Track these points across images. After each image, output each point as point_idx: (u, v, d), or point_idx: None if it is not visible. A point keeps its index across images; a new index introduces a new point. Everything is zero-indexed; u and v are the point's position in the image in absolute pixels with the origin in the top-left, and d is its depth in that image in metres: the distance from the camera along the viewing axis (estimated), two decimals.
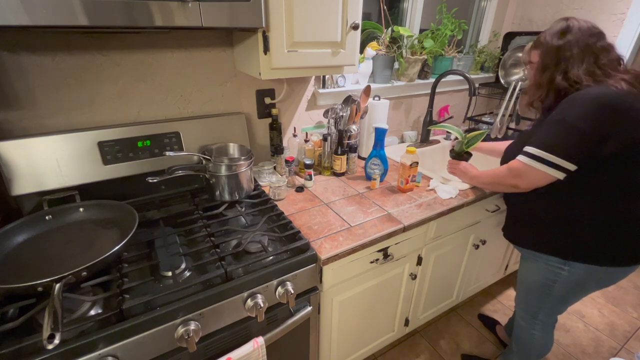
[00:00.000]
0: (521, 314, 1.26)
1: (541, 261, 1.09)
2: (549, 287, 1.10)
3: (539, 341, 1.24)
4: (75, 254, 0.83)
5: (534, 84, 1.01)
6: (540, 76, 0.98)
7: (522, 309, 1.25)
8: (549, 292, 1.11)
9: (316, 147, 1.46)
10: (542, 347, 1.26)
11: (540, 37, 0.99)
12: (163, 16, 0.75)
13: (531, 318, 1.22)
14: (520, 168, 0.98)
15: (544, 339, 1.24)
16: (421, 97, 1.91)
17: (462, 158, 1.28)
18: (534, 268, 1.13)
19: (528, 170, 0.95)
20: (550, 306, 1.15)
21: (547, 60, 0.96)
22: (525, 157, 0.96)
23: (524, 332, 1.27)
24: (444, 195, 1.27)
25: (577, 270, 1.02)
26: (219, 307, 0.81)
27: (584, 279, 1.03)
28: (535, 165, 0.93)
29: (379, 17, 1.64)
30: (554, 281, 1.08)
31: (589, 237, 0.97)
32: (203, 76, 1.22)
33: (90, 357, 0.67)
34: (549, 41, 0.96)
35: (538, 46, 0.99)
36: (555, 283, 1.08)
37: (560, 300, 1.12)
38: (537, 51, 1.00)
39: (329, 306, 1.10)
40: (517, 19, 2.13)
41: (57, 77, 0.99)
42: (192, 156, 1.18)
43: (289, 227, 1.02)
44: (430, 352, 1.60)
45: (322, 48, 1.06)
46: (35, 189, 0.97)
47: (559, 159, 0.89)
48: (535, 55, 1.01)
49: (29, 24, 0.64)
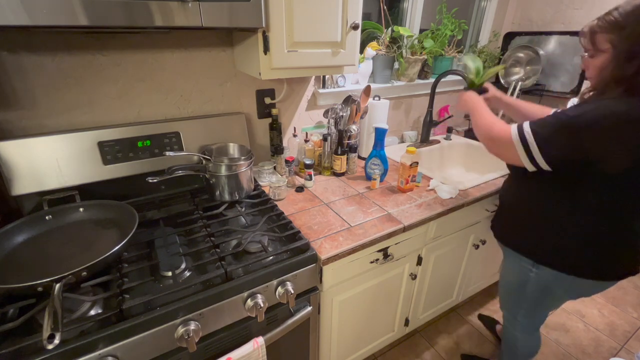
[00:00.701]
0: (504, 314, 1.29)
1: (516, 261, 1.09)
2: (522, 287, 1.10)
3: (522, 342, 1.25)
4: (75, 254, 0.83)
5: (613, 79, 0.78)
6: (624, 67, 0.76)
7: (504, 309, 1.27)
8: (522, 293, 1.11)
9: (316, 147, 1.46)
10: (526, 348, 1.26)
11: (618, 17, 0.77)
12: (163, 16, 0.75)
13: (512, 318, 1.23)
14: (501, 137, 0.91)
15: (528, 341, 1.24)
16: (421, 97, 1.91)
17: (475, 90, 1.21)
18: (510, 267, 1.15)
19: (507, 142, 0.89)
20: (527, 307, 1.14)
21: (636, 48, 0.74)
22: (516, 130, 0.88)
23: (508, 332, 1.29)
24: (444, 195, 1.27)
25: (545, 274, 1.01)
26: (219, 307, 0.81)
27: (551, 284, 1.02)
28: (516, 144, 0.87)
29: (379, 17, 1.64)
30: (525, 282, 1.08)
31: (562, 246, 0.95)
32: (203, 76, 1.22)
33: (90, 357, 0.67)
34: (634, 23, 0.74)
35: (615, 29, 0.76)
36: (527, 284, 1.08)
37: (534, 303, 1.11)
38: (610, 36, 0.77)
39: (329, 306, 1.10)
40: (517, 19, 2.13)
41: (57, 77, 0.99)
42: (192, 156, 1.18)
43: (289, 227, 1.02)
44: (430, 352, 1.60)
45: (322, 48, 1.06)
46: (35, 189, 0.97)
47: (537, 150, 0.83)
48: (604, 41, 0.79)
49: (29, 24, 0.64)
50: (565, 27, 1.91)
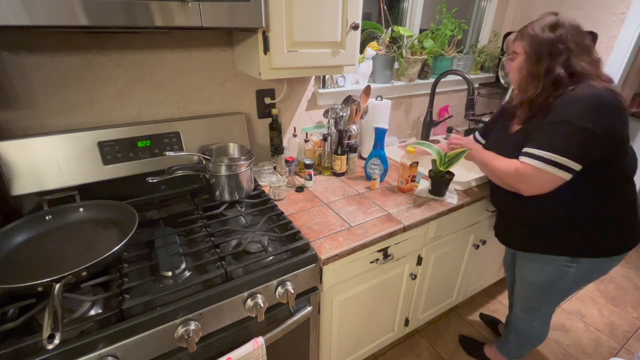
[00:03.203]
0: (521, 307, 1.29)
1: (546, 261, 1.10)
2: (555, 284, 1.12)
3: (537, 330, 1.29)
4: (75, 254, 0.83)
5: (528, 74, 0.97)
6: (534, 66, 0.95)
7: (523, 304, 1.28)
8: (554, 288, 1.14)
9: (316, 147, 1.46)
10: (539, 336, 1.31)
11: (527, 28, 0.96)
12: (163, 16, 0.75)
13: (533, 310, 1.25)
14: (529, 173, 0.93)
15: (543, 328, 1.29)
16: (421, 97, 1.91)
17: (442, 180, 1.23)
18: (537, 268, 1.14)
19: (537, 174, 0.92)
20: (557, 299, 1.20)
21: (540, 51, 0.93)
22: (532, 159, 0.92)
23: (524, 323, 1.30)
24: (447, 199, 1.26)
25: (585, 265, 1.05)
26: (219, 307, 0.81)
27: (591, 271, 1.07)
28: (545, 168, 0.90)
29: (379, 17, 1.64)
30: (560, 278, 1.10)
31: (592, 232, 1.00)
32: (203, 76, 1.22)
33: (90, 357, 0.67)
34: (539, 33, 0.93)
35: (524, 37, 0.97)
36: (562, 280, 1.10)
37: (565, 294, 1.16)
38: (522, 43, 0.97)
39: (329, 306, 1.10)
40: (517, 19, 2.13)
41: (57, 77, 0.99)
42: (192, 156, 1.18)
43: (289, 227, 1.02)
44: (430, 352, 1.60)
45: (322, 48, 1.06)
46: (35, 189, 0.97)
47: (568, 160, 0.88)
48: (519, 47, 0.98)
49: (29, 24, 0.64)
50: None
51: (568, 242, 1.03)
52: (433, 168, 1.23)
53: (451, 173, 1.23)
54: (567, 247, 1.04)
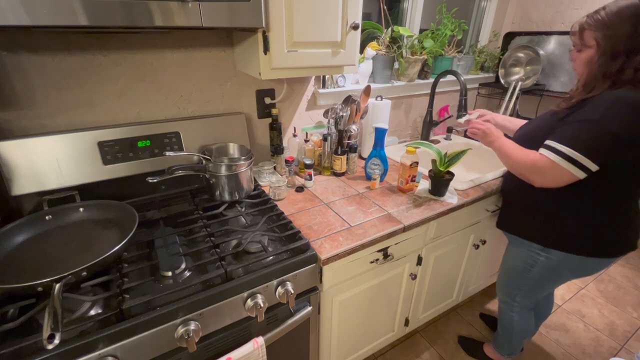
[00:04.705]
0: (501, 297, 1.36)
1: (524, 247, 1.15)
2: (527, 271, 1.17)
3: (517, 322, 1.32)
4: (75, 254, 0.83)
5: (600, 72, 0.85)
6: (609, 64, 0.83)
7: (502, 292, 1.34)
8: (526, 276, 1.18)
9: (316, 147, 1.46)
10: (522, 328, 1.34)
11: (604, 17, 0.82)
12: (163, 16, 0.75)
13: (510, 300, 1.30)
14: (546, 165, 0.92)
15: (523, 320, 1.32)
16: (421, 97, 1.91)
17: (442, 180, 1.23)
18: (517, 253, 1.20)
19: (553, 168, 0.91)
20: (527, 289, 1.22)
21: (618, 47, 0.80)
22: (552, 153, 0.90)
23: (504, 314, 1.36)
24: (447, 199, 1.26)
25: (554, 257, 1.08)
26: (219, 307, 0.81)
27: (559, 266, 1.09)
28: (562, 163, 0.89)
29: (379, 17, 1.64)
30: (532, 265, 1.14)
31: (570, 228, 1.02)
32: (203, 76, 1.22)
33: (90, 357, 0.67)
34: (618, 24, 0.79)
35: (600, 28, 0.82)
36: (533, 267, 1.14)
37: (536, 284, 1.18)
38: (596, 33, 0.83)
39: (329, 306, 1.10)
40: (517, 19, 2.13)
41: (57, 77, 0.99)
42: (192, 156, 1.18)
43: (289, 227, 1.02)
44: (430, 352, 1.60)
45: (322, 48, 1.06)
46: (35, 189, 0.97)
47: (586, 159, 0.86)
48: (590, 38, 0.85)
49: (29, 24, 0.64)
50: (565, 27, 1.91)
51: (544, 232, 1.06)
52: (433, 168, 1.24)
53: (451, 173, 1.24)
54: (544, 236, 1.07)
